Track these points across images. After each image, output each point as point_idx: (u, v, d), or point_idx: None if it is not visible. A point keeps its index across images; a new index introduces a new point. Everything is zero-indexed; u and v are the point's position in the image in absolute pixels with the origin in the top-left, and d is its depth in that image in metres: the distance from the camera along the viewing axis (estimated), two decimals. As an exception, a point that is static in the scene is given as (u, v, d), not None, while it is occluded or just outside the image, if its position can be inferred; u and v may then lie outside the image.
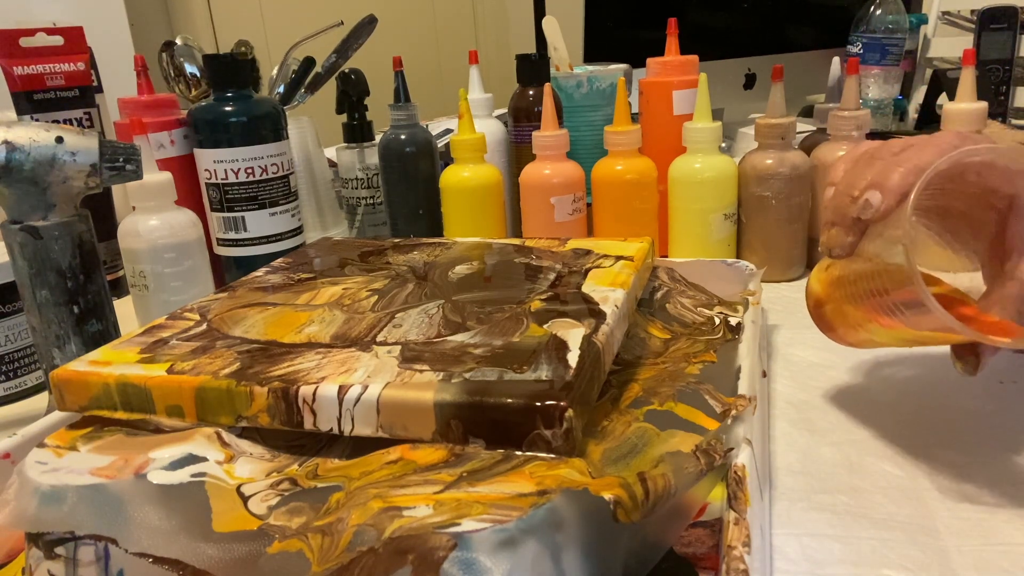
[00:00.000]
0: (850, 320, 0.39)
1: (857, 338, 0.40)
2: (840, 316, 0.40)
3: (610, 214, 0.64)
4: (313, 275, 0.49)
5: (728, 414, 0.35)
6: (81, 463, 0.31)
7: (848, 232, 0.36)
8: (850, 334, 0.40)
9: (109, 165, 0.44)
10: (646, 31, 0.86)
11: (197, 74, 0.74)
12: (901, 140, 0.37)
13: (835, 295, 0.39)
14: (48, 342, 0.44)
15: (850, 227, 0.36)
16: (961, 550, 0.31)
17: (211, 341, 0.38)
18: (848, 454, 0.39)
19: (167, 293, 0.56)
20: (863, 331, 0.39)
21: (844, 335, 0.41)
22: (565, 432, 0.29)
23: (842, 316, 0.39)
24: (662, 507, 0.29)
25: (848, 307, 0.38)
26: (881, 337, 0.38)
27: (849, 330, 0.40)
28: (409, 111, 0.70)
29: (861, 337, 0.40)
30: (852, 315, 0.38)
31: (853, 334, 0.40)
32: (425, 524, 0.25)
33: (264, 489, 0.30)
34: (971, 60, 0.59)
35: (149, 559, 0.28)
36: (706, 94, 0.61)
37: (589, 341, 0.35)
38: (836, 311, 0.40)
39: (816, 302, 0.42)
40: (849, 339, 0.41)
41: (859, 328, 0.39)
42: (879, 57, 0.98)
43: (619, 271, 0.45)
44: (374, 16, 0.75)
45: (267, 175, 0.63)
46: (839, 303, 0.39)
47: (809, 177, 0.62)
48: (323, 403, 0.32)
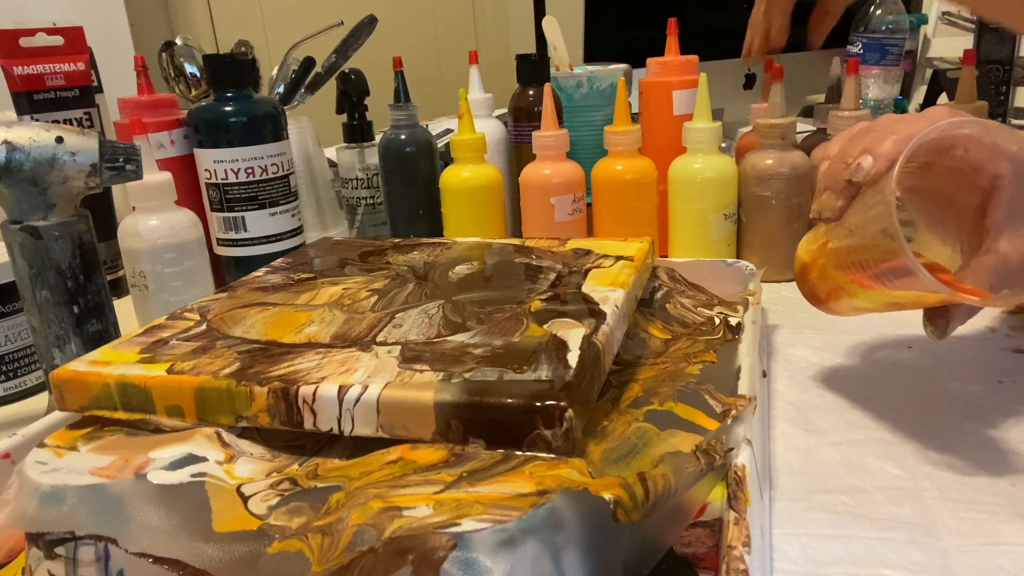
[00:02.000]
0: (833, 283, 0.41)
1: (840, 305, 0.42)
2: (824, 281, 0.41)
3: (610, 214, 0.64)
4: (313, 275, 0.49)
5: (728, 414, 0.35)
6: (81, 463, 0.31)
7: (839, 196, 0.38)
8: (833, 300, 0.42)
9: (109, 165, 0.44)
10: (646, 31, 0.86)
11: (197, 74, 0.74)
12: (895, 115, 0.39)
13: (820, 261, 0.41)
14: (48, 342, 0.44)
15: (841, 191, 0.38)
16: (961, 550, 0.31)
17: (211, 341, 0.38)
18: (848, 454, 0.39)
19: (167, 293, 0.56)
20: (845, 295, 0.41)
21: (828, 302, 0.43)
22: (565, 432, 0.29)
23: (826, 281, 0.41)
24: (662, 507, 0.29)
25: (832, 272, 0.40)
26: (862, 301, 0.40)
27: (832, 295, 0.42)
28: (409, 111, 0.70)
29: (843, 303, 0.41)
30: (836, 279, 0.40)
31: (836, 301, 0.42)
32: (425, 524, 0.25)
33: (264, 489, 0.30)
34: (971, 60, 0.59)
35: (149, 559, 0.28)
36: (706, 94, 0.61)
37: (589, 341, 0.35)
38: (821, 276, 0.42)
39: (803, 268, 0.43)
40: (833, 307, 0.43)
41: (842, 292, 0.41)
42: (879, 57, 0.98)
43: (619, 271, 0.45)
44: (374, 16, 0.75)
45: (267, 175, 0.63)
46: (824, 269, 0.41)
47: (809, 177, 0.62)
48: (323, 403, 0.32)
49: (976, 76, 0.61)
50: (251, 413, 0.33)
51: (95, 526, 0.29)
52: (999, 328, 0.52)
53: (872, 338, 0.52)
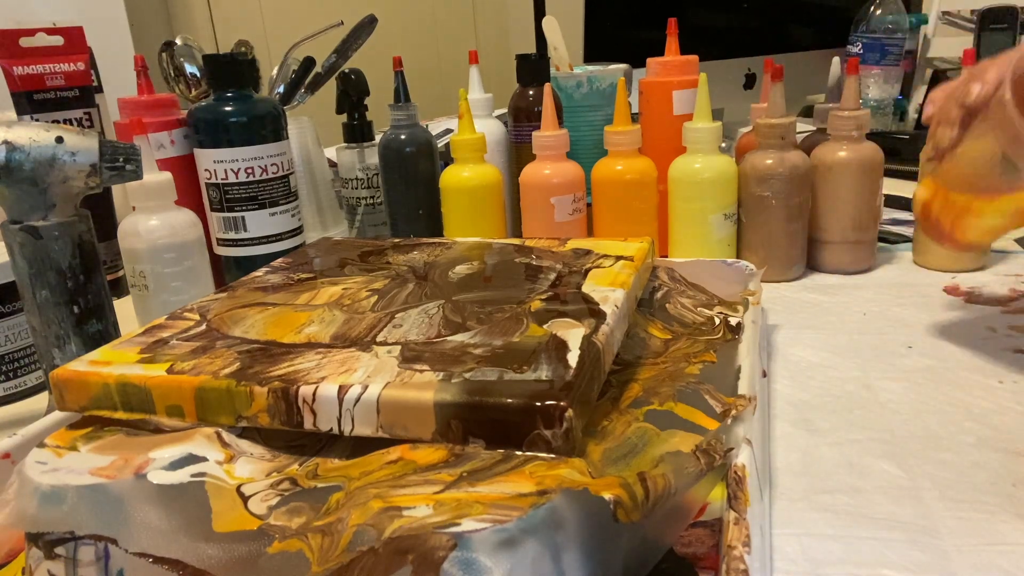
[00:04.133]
0: (958, 208, 0.44)
1: (968, 230, 0.45)
2: (949, 210, 0.45)
3: (610, 214, 0.64)
4: (313, 275, 0.49)
5: (728, 414, 0.35)
6: (81, 463, 0.31)
7: (952, 126, 0.43)
8: (959, 229, 0.45)
9: (109, 165, 0.44)
10: (646, 31, 0.86)
11: (197, 74, 0.74)
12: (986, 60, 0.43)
13: (940, 192, 0.45)
14: (48, 342, 0.44)
15: (954, 121, 0.43)
16: (961, 550, 0.31)
17: (211, 341, 0.38)
18: (848, 454, 0.39)
19: (167, 293, 0.56)
20: (972, 215, 0.44)
21: (955, 233, 0.45)
22: (565, 432, 0.29)
23: (950, 209, 0.45)
24: (662, 507, 0.29)
25: (955, 197, 0.44)
26: (990, 217, 0.43)
27: (958, 223, 0.45)
28: (409, 111, 0.70)
29: (971, 227, 0.44)
30: (960, 202, 0.44)
31: (962, 228, 0.45)
32: (425, 524, 0.25)
33: (264, 489, 0.30)
34: (971, 60, 0.59)
35: (149, 559, 0.28)
36: (706, 94, 0.61)
37: (589, 341, 0.35)
38: (944, 206, 0.45)
39: (924, 206, 0.46)
40: (959, 237, 0.45)
41: (968, 214, 0.44)
42: (879, 57, 0.98)
43: (619, 271, 0.45)
44: (374, 16, 0.75)
45: (267, 175, 0.63)
46: (944, 195, 0.45)
47: (809, 177, 0.62)
48: (323, 403, 0.32)
49: (976, 76, 0.60)
50: (251, 413, 0.33)
51: (95, 526, 0.29)
52: (999, 328, 0.52)
53: (872, 338, 0.52)
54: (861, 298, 0.58)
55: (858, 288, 0.55)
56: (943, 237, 0.46)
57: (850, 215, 0.62)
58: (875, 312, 0.56)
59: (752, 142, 0.64)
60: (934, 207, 0.46)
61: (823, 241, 0.65)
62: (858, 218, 0.62)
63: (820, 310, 0.57)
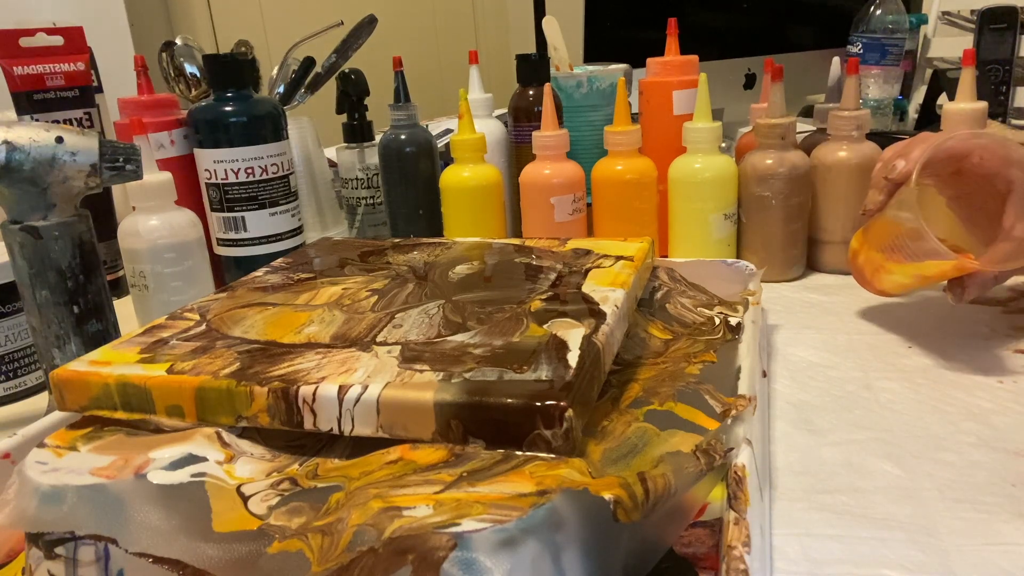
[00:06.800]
0: (876, 263, 0.50)
1: (883, 282, 0.51)
2: (869, 263, 0.51)
3: (610, 214, 0.64)
4: (313, 275, 0.49)
5: (728, 414, 0.35)
6: (81, 463, 0.31)
7: (880, 192, 0.48)
8: (877, 279, 0.51)
9: (109, 165, 0.44)
10: (646, 31, 0.86)
11: (197, 74, 0.74)
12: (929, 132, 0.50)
13: (865, 246, 0.52)
14: (48, 342, 0.44)
15: (882, 188, 0.48)
16: (961, 550, 0.31)
17: (211, 341, 0.38)
18: (848, 454, 0.39)
19: (167, 293, 0.56)
20: (885, 272, 0.50)
21: (873, 281, 0.52)
22: (565, 432, 0.29)
23: (870, 262, 0.51)
24: (662, 507, 0.29)
25: (874, 253, 0.50)
26: (899, 276, 0.49)
27: (876, 274, 0.51)
28: (409, 111, 0.70)
29: (885, 280, 0.50)
30: (877, 259, 0.50)
31: (879, 279, 0.51)
32: (425, 524, 0.25)
33: (264, 489, 0.30)
34: (971, 60, 0.59)
35: (149, 559, 0.28)
36: (706, 94, 0.61)
37: (589, 341, 0.35)
38: (867, 259, 0.52)
39: (853, 254, 0.53)
40: (877, 284, 0.52)
41: (882, 270, 0.50)
42: (879, 57, 0.98)
43: (619, 271, 0.45)
44: (374, 16, 0.75)
45: (267, 175, 0.63)
46: (868, 251, 0.51)
47: (809, 177, 0.62)
48: (323, 403, 0.32)
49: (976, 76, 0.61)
50: (251, 413, 0.33)
51: (95, 526, 0.29)
52: (999, 328, 0.52)
53: (872, 338, 0.52)
54: (861, 298, 0.58)
55: (858, 288, 0.55)
56: (865, 283, 0.53)
57: (850, 215, 0.62)
58: (875, 312, 0.56)
59: (752, 142, 0.64)
60: (860, 257, 0.52)
61: (823, 241, 0.65)
62: (858, 218, 0.62)
63: (820, 310, 0.57)
